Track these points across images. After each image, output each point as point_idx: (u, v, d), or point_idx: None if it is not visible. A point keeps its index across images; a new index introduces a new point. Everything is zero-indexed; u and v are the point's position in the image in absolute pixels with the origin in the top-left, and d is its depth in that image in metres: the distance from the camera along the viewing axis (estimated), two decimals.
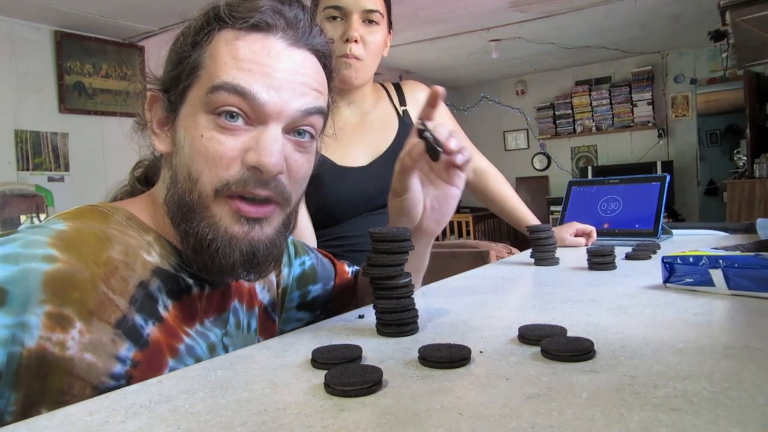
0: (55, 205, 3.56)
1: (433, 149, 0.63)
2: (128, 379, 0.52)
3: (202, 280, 0.64)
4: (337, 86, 1.14)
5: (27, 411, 0.47)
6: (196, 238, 0.58)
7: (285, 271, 0.80)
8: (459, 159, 0.65)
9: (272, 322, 0.77)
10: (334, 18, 1.10)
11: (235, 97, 0.56)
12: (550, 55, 5.66)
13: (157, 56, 0.64)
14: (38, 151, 3.59)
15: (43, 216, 3.46)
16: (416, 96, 1.36)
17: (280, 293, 0.79)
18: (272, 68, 0.57)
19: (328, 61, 0.65)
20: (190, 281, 0.62)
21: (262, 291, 0.76)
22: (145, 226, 0.62)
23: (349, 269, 0.90)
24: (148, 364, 0.54)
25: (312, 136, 0.62)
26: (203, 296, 0.64)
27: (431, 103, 0.69)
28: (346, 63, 1.11)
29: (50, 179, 3.64)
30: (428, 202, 0.70)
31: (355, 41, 1.09)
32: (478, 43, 4.97)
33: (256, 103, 0.56)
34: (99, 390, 0.50)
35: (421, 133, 0.64)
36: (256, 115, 0.57)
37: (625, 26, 4.80)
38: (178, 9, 0.63)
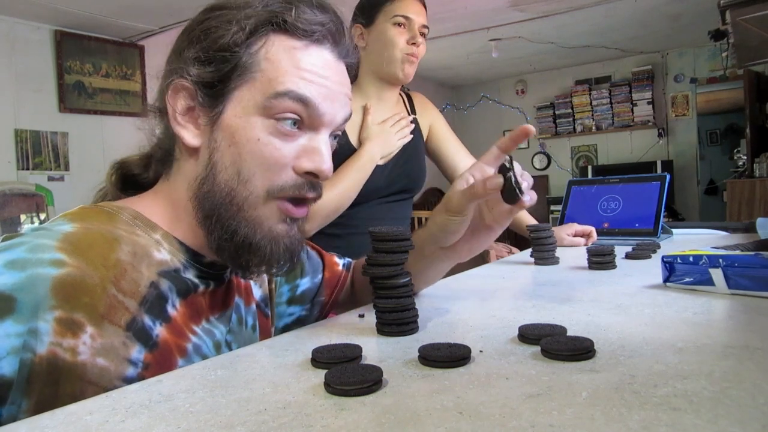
0: (55, 205, 3.56)
1: (513, 192, 0.60)
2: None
3: (208, 277, 0.64)
4: (392, 80, 1.38)
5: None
6: (243, 238, 0.59)
7: None
8: (527, 201, 0.62)
9: (266, 318, 0.77)
10: (401, 25, 1.35)
11: (298, 105, 0.58)
12: (550, 55, 5.66)
13: (156, 55, 0.63)
14: (38, 151, 3.59)
15: (43, 215, 3.46)
16: (425, 110, 1.54)
17: (272, 288, 0.80)
18: (328, 80, 0.60)
19: (354, 72, 0.69)
20: (197, 279, 0.62)
21: (255, 286, 0.76)
22: (151, 224, 0.61)
23: (339, 261, 0.90)
24: (158, 366, 0.54)
25: (336, 138, 0.66)
26: (207, 293, 0.64)
27: (516, 139, 0.65)
28: (411, 61, 1.36)
29: (50, 179, 3.64)
30: (470, 231, 0.69)
31: (418, 45, 1.36)
32: (478, 42, 4.96)
33: (316, 112, 0.59)
34: None
35: (504, 171, 0.61)
36: (310, 122, 0.60)
37: (625, 26, 4.79)
38: (176, 7, 0.63)
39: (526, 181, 0.63)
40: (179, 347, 0.57)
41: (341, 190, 1.26)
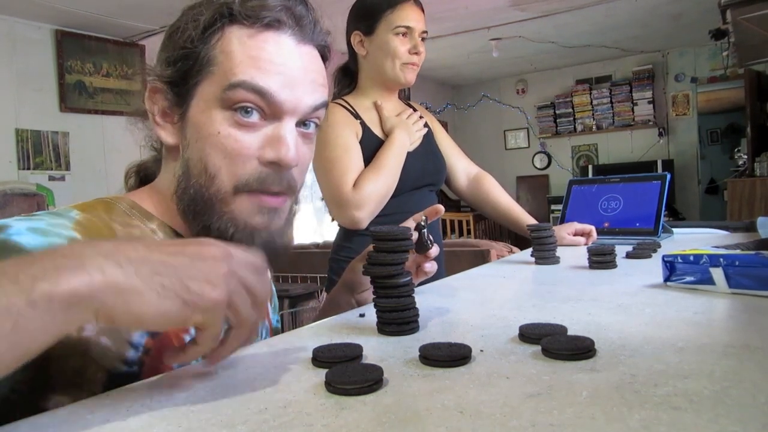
0: (56, 204, 3.56)
1: (424, 245, 0.73)
2: (140, 365, 0.53)
3: None
4: (394, 86, 1.43)
5: (38, 392, 0.47)
6: (218, 233, 0.59)
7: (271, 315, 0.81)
8: (433, 252, 0.73)
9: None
10: (404, 35, 1.37)
11: (253, 95, 0.58)
12: (551, 54, 5.66)
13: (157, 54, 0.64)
14: (39, 150, 3.59)
15: None
16: (425, 115, 1.57)
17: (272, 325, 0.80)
18: (286, 66, 0.60)
19: (327, 53, 0.67)
20: None
21: (272, 311, 0.76)
22: (148, 214, 0.63)
23: None
24: (158, 351, 0.55)
25: (316, 126, 0.65)
26: None
27: (431, 214, 0.79)
28: (412, 68, 1.40)
29: (51, 178, 3.64)
30: None
31: (420, 54, 1.40)
32: (478, 41, 4.96)
33: (273, 101, 0.59)
34: (112, 375, 0.51)
35: (419, 228, 0.72)
36: (271, 111, 0.60)
37: (626, 25, 4.79)
38: (177, 7, 0.64)
39: (435, 242, 0.75)
40: (178, 337, 0.58)
41: (387, 174, 1.31)
